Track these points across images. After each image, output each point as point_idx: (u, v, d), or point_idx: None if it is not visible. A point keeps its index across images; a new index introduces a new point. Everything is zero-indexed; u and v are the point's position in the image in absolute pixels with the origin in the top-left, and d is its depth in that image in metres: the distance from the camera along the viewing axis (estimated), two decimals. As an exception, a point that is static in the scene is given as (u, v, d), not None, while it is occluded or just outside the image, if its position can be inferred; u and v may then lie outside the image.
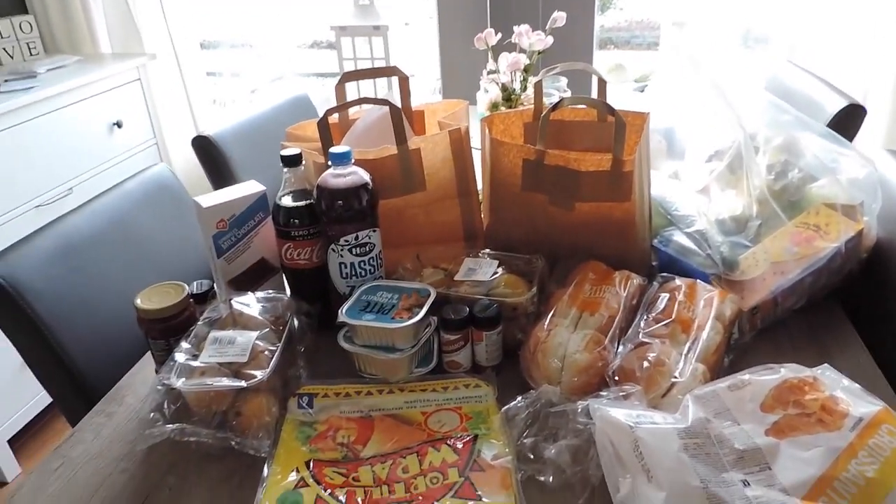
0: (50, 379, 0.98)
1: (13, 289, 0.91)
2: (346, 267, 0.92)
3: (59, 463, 0.80)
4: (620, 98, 1.13)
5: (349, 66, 2.32)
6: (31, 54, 2.22)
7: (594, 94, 1.98)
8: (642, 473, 0.63)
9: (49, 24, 2.27)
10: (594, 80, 1.13)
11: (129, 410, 0.88)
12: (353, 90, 2.26)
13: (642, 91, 2.33)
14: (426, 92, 2.54)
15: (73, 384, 0.97)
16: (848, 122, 1.35)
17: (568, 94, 1.67)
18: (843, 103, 1.35)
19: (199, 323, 0.86)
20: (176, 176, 1.27)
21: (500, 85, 1.44)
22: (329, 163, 0.90)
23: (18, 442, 1.90)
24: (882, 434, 0.64)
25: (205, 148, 1.41)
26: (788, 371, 0.72)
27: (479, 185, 1.09)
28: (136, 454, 0.80)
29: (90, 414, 0.87)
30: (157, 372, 0.89)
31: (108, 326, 1.02)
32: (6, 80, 1.92)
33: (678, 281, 0.94)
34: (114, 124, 2.09)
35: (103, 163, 2.05)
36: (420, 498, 0.70)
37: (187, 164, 2.20)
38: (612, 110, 0.92)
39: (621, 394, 0.73)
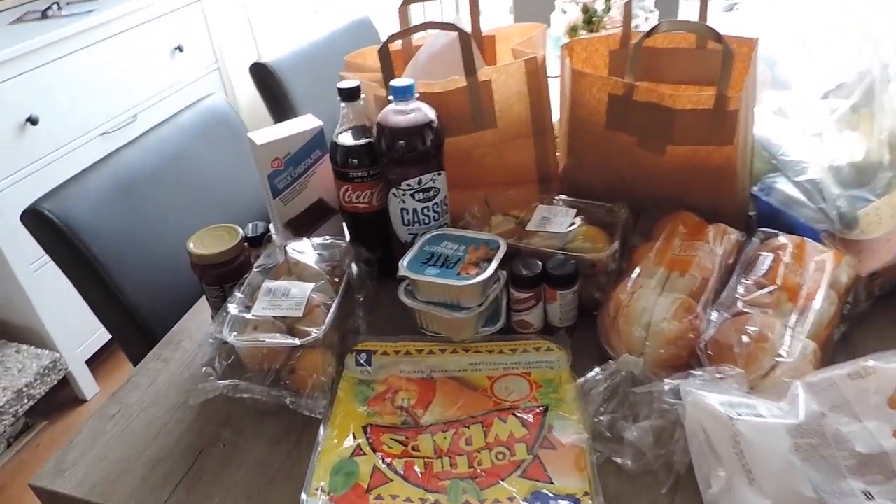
0: (108, 319, 0.97)
1: (68, 228, 0.89)
2: (407, 213, 0.84)
3: (116, 409, 0.79)
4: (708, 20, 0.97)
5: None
6: (91, -25, 2.17)
7: (681, 15, 1.78)
8: (742, 473, 0.55)
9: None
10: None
11: (185, 356, 0.85)
12: (417, 13, 2.12)
13: (730, 10, 2.08)
14: (497, 13, 2.36)
15: (132, 325, 0.95)
16: None
17: (655, 14, 1.50)
18: None
19: (253, 270, 0.81)
20: (233, 106, 1.21)
21: (580, 5, 1.28)
22: (390, 97, 0.81)
23: (96, 362, 1.98)
24: None
25: (262, 77, 1.34)
26: (923, 357, 0.61)
27: (555, 121, 0.98)
28: (191, 405, 0.77)
29: (146, 359, 0.85)
30: (212, 318, 0.86)
31: (165, 266, 1.00)
32: (68, 3, 1.88)
33: (783, 238, 0.82)
34: (175, 49, 2.04)
35: (166, 89, 2.01)
36: (484, 475, 0.65)
37: (250, 90, 2.14)
38: (718, 37, 0.78)
39: (718, 376, 0.64)
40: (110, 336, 1.90)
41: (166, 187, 1.05)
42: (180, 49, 2.04)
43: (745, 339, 0.69)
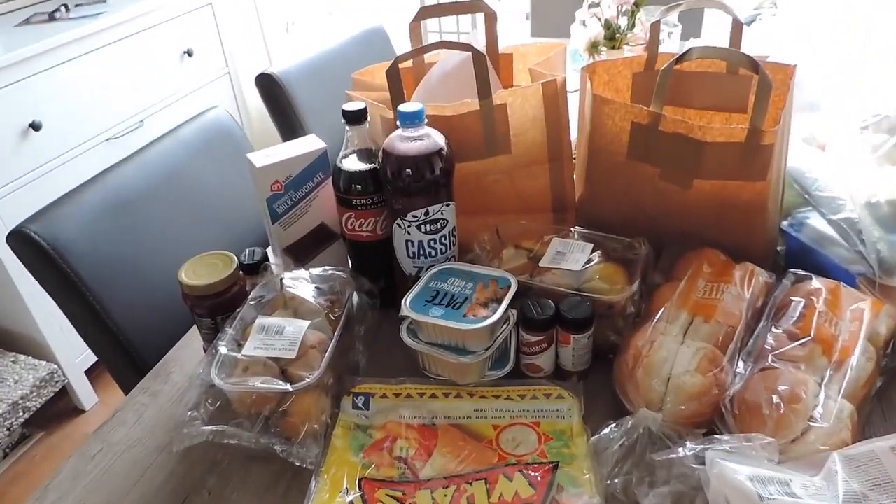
0: (97, 345, 0.92)
1: (54, 250, 0.84)
2: (413, 245, 0.79)
3: (98, 448, 0.74)
4: (726, 31, 0.91)
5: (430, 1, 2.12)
6: (102, -24, 2.14)
7: (706, 28, 1.71)
8: (774, 562, 0.49)
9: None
10: (706, 11, 0.92)
11: (175, 390, 0.81)
12: (433, 25, 2.08)
13: (750, 24, 2.00)
14: (513, 18, 2.30)
15: (121, 353, 0.91)
16: None
17: (678, 29, 1.44)
18: None
19: (246, 304, 0.76)
20: (236, 120, 1.16)
21: (602, 21, 1.23)
22: (398, 122, 0.76)
23: (96, 372, 1.95)
24: None
25: (269, 88, 1.29)
26: (977, 431, 0.55)
27: (573, 148, 0.93)
28: (178, 449, 0.72)
29: (134, 392, 0.81)
30: (204, 350, 0.81)
31: (158, 290, 0.95)
32: (77, 5, 1.85)
33: (816, 282, 0.76)
34: (185, 53, 2.00)
35: (174, 93, 1.98)
36: (487, 541, 0.59)
37: (259, 98, 2.10)
38: (756, 66, 0.72)
39: (746, 443, 0.58)
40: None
41: (163, 206, 1.00)
42: (189, 53, 2.01)
43: (775, 398, 0.63)
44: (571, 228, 0.87)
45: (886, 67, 0.93)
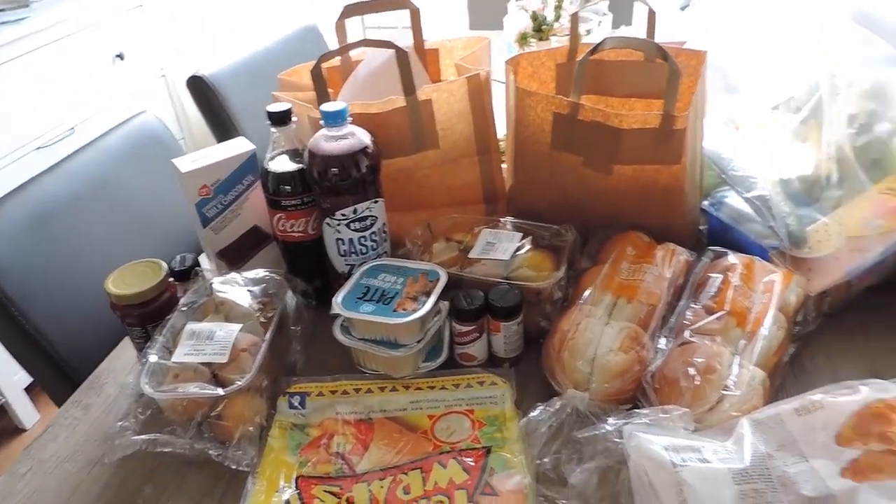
0: (28, 362, 0.90)
1: (-25, 266, 0.82)
2: (343, 243, 0.80)
3: (28, 467, 0.72)
4: (660, 20, 0.95)
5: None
6: (24, -20, 2.06)
7: (637, 15, 1.75)
8: (686, 526, 0.52)
9: (43, -54, 2.10)
10: (636, 6, 0.95)
11: (108, 401, 0.80)
12: (357, 26, 2.06)
13: (684, 9, 2.06)
14: (451, 15, 2.32)
15: (53, 368, 0.89)
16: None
17: (608, 18, 1.47)
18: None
19: (176, 310, 0.76)
20: (165, 125, 1.14)
21: (529, 13, 1.25)
22: (322, 121, 0.76)
23: (35, 390, 1.89)
24: None
25: (200, 90, 1.27)
26: (871, 391, 0.59)
27: (503, 137, 0.94)
28: (110, 460, 0.72)
29: (65, 406, 0.80)
30: (137, 359, 0.80)
31: (88, 302, 0.93)
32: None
33: (732, 258, 0.79)
34: (116, 56, 1.95)
35: (106, 99, 1.93)
36: (422, 528, 0.61)
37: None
38: (665, 54, 0.75)
39: (662, 415, 0.61)
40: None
41: (90, 216, 0.98)
42: (121, 57, 1.96)
43: (691, 371, 0.66)
44: (502, 219, 0.89)
45: (798, 50, 0.97)
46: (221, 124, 1.29)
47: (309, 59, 0.97)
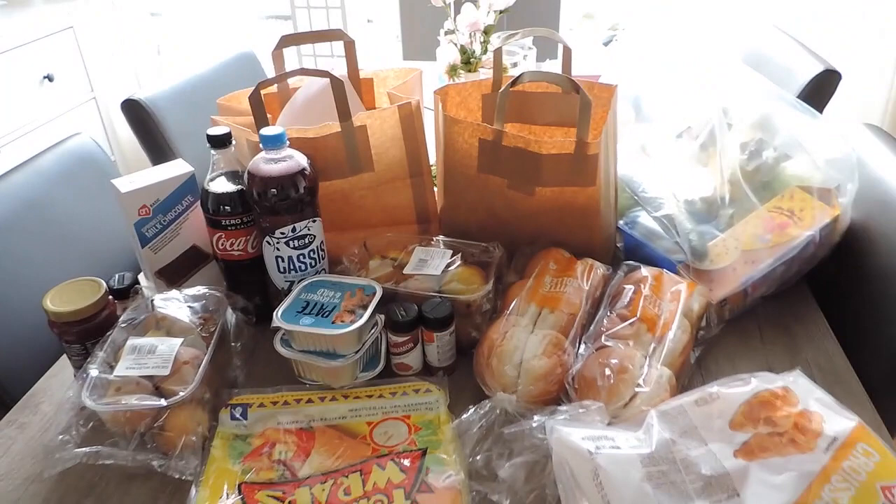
0: (-44, 385, 0.88)
1: None
2: (283, 261, 0.83)
3: (-40, 487, 0.72)
4: (586, 57, 1.04)
5: (301, 13, 2.16)
6: (-54, -1, 2.01)
7: (561, 49, 1.88)
8: (601, 505, 0.58)
9: (-34, -35, 2.05)
10: (562, 35, 1.04)
11: (45, 420, 0.80)
12: (294, 57, 2.13)
13: (608, 44, 2.23)
14: (386, 40, 2.39)
15: (-16, 389, 0.87)
16: (823, 87, 1.29)
17: (533, 52, 1.57)
18: (819, 68, 1.29)
19: (117, 326, 0.77)
20: (100, 146, 1.15)
21: (458, 47, 1.33)
22: (261, 145, 0.80)
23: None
24: (857, 455, 0.60)
25: (136, 113, 1.28)
26: (759, 381, 0.67)
27: (434, 161, 1.01)
28: (49, 474, 0.72)
29: (-1, 426, 0.79)
30: (74, 376, 0.81)
31: (21, 322, 0.93)
32: (-85, 30, 1.73)
33: (644, 271, 0.88)
34: (45, 77, 1.91)
35: (33, 120, 1.88)
36: (362, 525, 0.64)
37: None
38: (576, 87, 0.83)
39: (580, 410, 0.67)
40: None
41: (24, 238, 0.97)
42: (50, 78, 1.92)
43: (607, 371, 0.73)
44: (434, 238, 0.94)
45: (696, 85, 1.08)
46: (157, 147, 1.30)
47: (246, 85, 1.01)
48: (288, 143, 0.80)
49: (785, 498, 0.57)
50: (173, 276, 0.92)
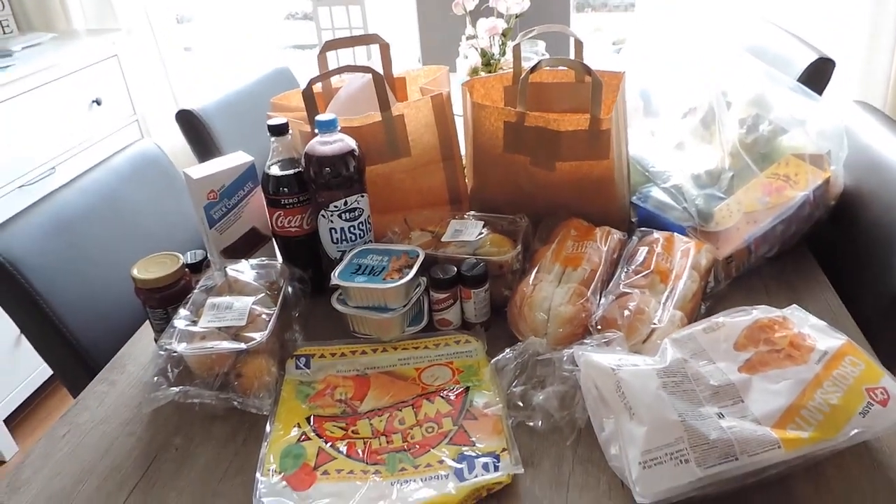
0: (50, 352, 1.00)
1: (10, 264, 0.93)
2: (336, 232, 0.95)
3: (65, 430, 0.83)
4: (597, 59, 1.16)
5: (327, 37, 2.31)
6: (4, 33, 2.18)
7: (573, 46, 2.00)
8: (625, 412, 0.67)
9: (21, 2, 2.24)
10: (572, 42, 1.15)
11: (132, 378, 0.91)
12: (333, 60, 2.26)
13: (619, 52, 2.35)
14: (406, 60, 2.53)
15: (74, 356, 0.99)
16: (818, 75, 1.38)
17: (546, 56, 1.69)
18: (813, 57, 1.39)
19: (195, 291, 0.88)
20: (162, 150, 1.28)
21: (479, 50, 1.45)
22: (315, 131, 0.92)
23: (15, 420, 1.93)
24: (845, 365, 0.69)
25: (189, 122, 1.42)
26: (760, 312, 0.77)
27: (463, 150, 1.12)
28: (141, 418, 0.83)
29: (93, 383, 0.90)
30: (156, 341, 0.92)
31: (104, 298, 1.05)
32: (-19, 60, 1.90)
33: (656, 234, 0.97)
34: (93, 102, 2.07)
35: (84, 141, 2.04)
36: (417, 446, 0.74)
37: (169, 140, 2.19)
38: (588, 70, 0.94)
39: (604, 340, 0.77)
40: (32, 390, 1.86)
41: (102, 224, 1.10)
42: (98, 102, 2.08)
43: (626, 313, 0.83)
44: (466, 214, 1.05)
45: (699, 70, 1.19)
46: (207, 151, 1.43)
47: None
48: (339, 128, 0.92)
49: (782, 401, 0.67)
50: (236, 254, 1.03)
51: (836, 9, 1.85)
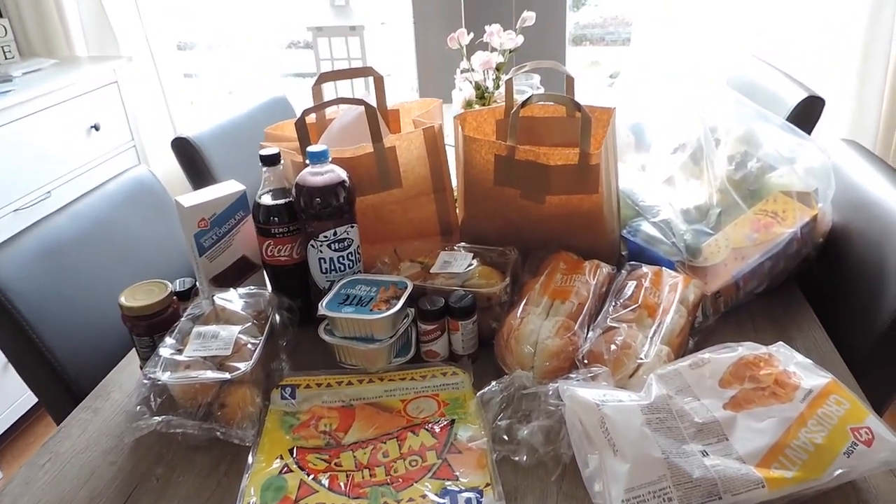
0: (35, 378, 1.00)
1: (-3, 289, 0.93)
2: (325, 262, 0.95)
3: (46, 458, 0.82)
4: (590, 92, 1.17)
5: (326, 67, 2.35)
6: (5, 58, 2.21)
7: (565, 83, 2.04)
8: (608, 448, 0.67)
9: (24, 28, 2.27)
10: (565, 77, 1.17)
11: (115, 406, 0.90)
12: (329, 91, 2.30)
13: (611, 85, 2.39)
14: (403, 91, 2.57)
15: (59, 383, 0.98)
16: (807, 112, 1.40)
17: (541, 91, 1.71)
18: (802, 95, 1.41)
19: (182, 319, 0.88)
20: (156, 177, 1.29)
21: (473, 83, 1.47)
22: (307, 161, 0.93)
23: (1, 446, 1.90)
24: (830, 404, 0.69)
25: (184, 149, 1.43)
26: (745, 349, 0.77)
27: (454, 182, 1.13)
28: (123, 447, 0.82)
29: (76, 410, 0.89)
30: (141, 368, 0.91)
31: (92, 325, 1.04)
32: (-18, 85, 1.92)
33: (645, 268, 0.98)
34: (91, 127, 2.09)
35: (81, 166, 2.05)
36: (400, 480, 0.73)
37: (165, 166, 2.20)
38: (578, 106, 0.96)
39: (589, 375, 0.77)
40: (18, 416, 1.84)
41: (93, 251, 1.11)
42: (97, 127, 2.10)
43: (613, 347, 0.83)
44: (456, 245, 1.05)
45: (688, 106, 1.21)
46: (201, 178, 1.43)
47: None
48: (330, 158, 0.93)
49: (767, 440, 0.67)
50: (225, 283, 1.03)
51: (827, 47, 1.88)
